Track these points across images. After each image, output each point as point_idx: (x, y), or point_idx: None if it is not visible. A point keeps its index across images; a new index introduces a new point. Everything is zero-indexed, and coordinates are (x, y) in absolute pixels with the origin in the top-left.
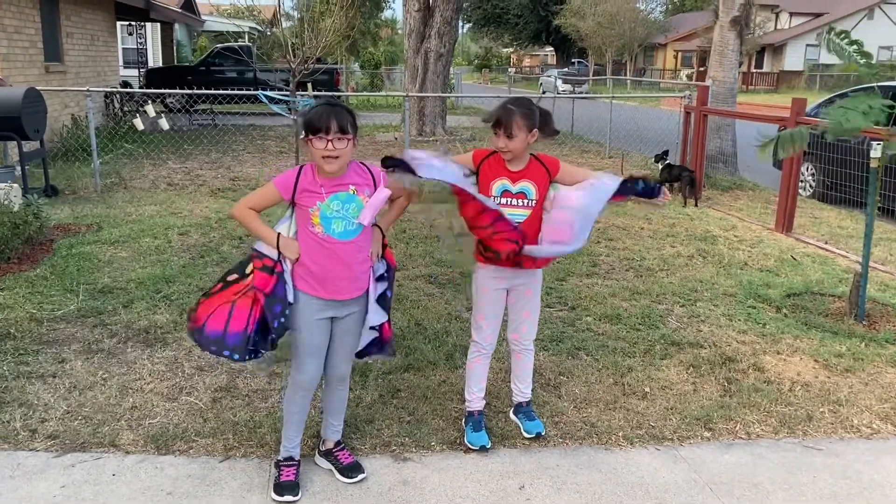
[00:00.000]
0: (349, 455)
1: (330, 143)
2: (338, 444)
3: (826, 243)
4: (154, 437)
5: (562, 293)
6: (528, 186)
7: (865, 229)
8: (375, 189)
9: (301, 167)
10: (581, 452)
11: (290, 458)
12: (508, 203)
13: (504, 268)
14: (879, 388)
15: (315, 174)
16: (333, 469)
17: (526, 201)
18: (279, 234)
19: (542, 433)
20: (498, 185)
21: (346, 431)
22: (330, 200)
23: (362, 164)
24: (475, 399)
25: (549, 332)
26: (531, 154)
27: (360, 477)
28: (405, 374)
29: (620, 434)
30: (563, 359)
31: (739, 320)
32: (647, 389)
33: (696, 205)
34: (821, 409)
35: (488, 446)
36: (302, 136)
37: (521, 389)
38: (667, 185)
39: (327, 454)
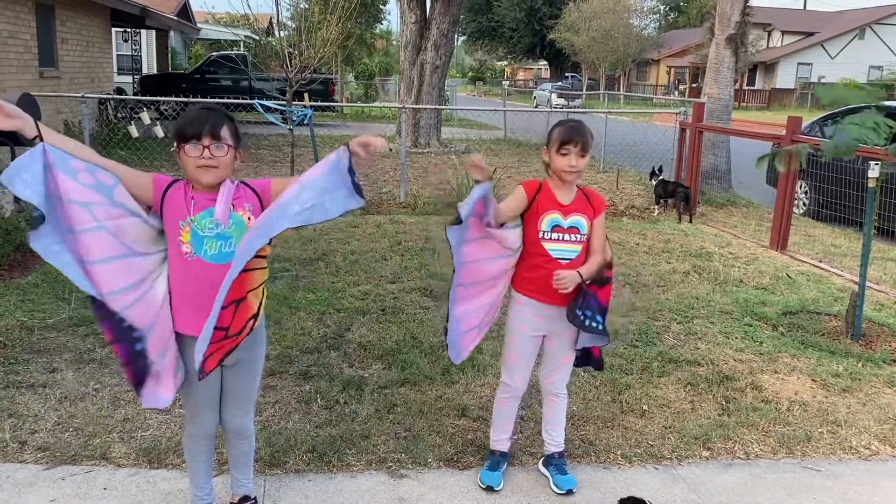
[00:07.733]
0: None
1: (206, 149)
2: (244, 498)
3: (820, 261)
4: (146, 450)
5: None
6: (580, 221)
7: (863, 249)
8: (261, 203)
9: (176, 179)
10: (579, 471)
11: None
12: (560, 238)
13: (545, 305)
14: (877, 408)
15: (187, 190)
16: None
17: (578, 236)
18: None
19: (574, 490)
20: (548, 220)
21: (341, 447)
22: (201, 217)
23: (244, 182)
24: (501, 441)
25: None
26: (577, 186)
27: None
28: (401, 388)
29: (619, 452)
30: None
31: (736, 338)
32: (646, 407)
33: (690, 221)
34: (819, 430)
35: (496, 488)
36: (173, 148)
37: (554, 438)
38: (662, 199)
39: None
